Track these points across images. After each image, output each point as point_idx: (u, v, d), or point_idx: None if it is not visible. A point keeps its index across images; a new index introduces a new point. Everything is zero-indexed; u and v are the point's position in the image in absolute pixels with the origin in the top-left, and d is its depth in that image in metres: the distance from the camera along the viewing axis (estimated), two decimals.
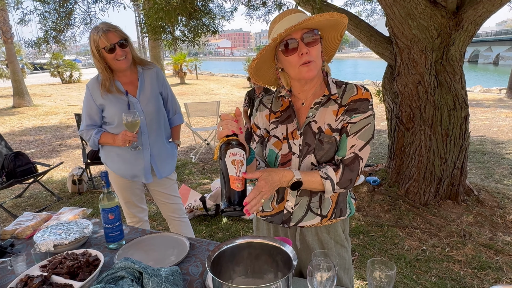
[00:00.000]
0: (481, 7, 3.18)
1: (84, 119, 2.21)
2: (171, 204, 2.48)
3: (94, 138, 2.19)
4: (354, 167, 1.20)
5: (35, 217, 1.80)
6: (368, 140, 1.22)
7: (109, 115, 2.16)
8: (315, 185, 1.19)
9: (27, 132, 8.84)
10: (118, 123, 2.15)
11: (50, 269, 1.26)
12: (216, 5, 4.92)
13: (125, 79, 2.17)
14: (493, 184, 4.41)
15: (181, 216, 2.53)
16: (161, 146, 2.32)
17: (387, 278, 1.03)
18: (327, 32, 1.24)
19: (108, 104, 2.13)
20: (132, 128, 2.06)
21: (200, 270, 1.34)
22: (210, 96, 14.60)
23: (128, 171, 2.27)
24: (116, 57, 2.02)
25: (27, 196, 4.63)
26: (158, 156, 2.31)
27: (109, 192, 1.49)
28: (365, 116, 1.22)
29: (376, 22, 6.76)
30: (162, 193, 2.43)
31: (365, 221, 3.53)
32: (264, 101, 1.40)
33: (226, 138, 1.06)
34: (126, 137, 2.08)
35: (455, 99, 3.50)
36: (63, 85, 20.82)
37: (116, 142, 2.14)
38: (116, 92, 2.12)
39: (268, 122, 1.37)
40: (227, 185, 1.02)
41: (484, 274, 2.64)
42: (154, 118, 2.24)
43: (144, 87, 2.21)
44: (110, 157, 2.28)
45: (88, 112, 2.18)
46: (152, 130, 2.25)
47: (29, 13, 4.11)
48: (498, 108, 9.79)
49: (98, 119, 2.20)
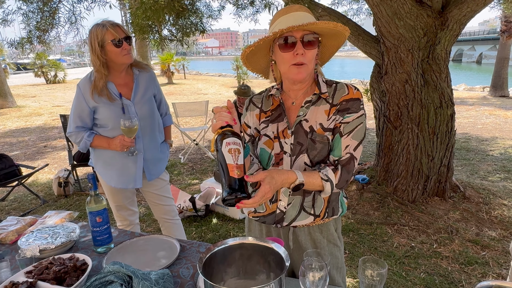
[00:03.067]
0: (466, 6, 3.24)
1: (73, 120, 2.11)
2: (164, 205, 2.44)
3: (86, 141, 2.11)
4: (350, 168, 1.22)
5: (20, 221, 1.75)
6: (361, 140, 1.23)
7: (102, 118, 2.09)
8: (315, 186, 1.20)
9: (11, 134, 8.63)
10: (112, 126, 2.08)
11: (36, 274, 1.22)
12: (203, 4, 4.88)
13: (120, 81, 2.11)
14: (479, 180, 4.50)
15: (174, 218, 2.50)
16: (154, 149, 2.28)
17: (378, 276, 1.03)
18: (327, 39, 1.24)
19: (101, 107, 2.06)
20: (130, 134, 2.01)
21: (191, 272, 1.32)
22: (198, 96, 14.51)
23: (120, 178, 2.21)
24: (122, 52, 1.97)
25: (11, 199, 4.51)
26: (151, 160, 2.27)
27: (97, 195, 1.46)
28: (357, 116, 1.22)
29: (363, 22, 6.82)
30: (155, 194, 2.39)
31: (354, 219, 3.55)
32: (254, 101, 1.39)
33: (221, 130, 1.07)
34: (124, 143, 2.02)
35: (441, 98, 3.55)
36: (48, 86, 20.40)
37: (112, 146, 2.08)
38: (107, 97, 2.04)
39: (258, 122, 1.36)
40: (226, 174, 1.01)
41: (471, 269, 2.69)
42: (148, 121, 2.19)
43: (139, 90, 2.16)
44: (101, 164, 2.21)
45: (78, 113, 2.09)
46: (146, 134, 2.20)
47: (11, 12, 4.01)
48: (482, 106, 10.00)
49: (89, 121, 2.12)
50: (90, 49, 1.98)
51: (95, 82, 2.01)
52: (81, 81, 2.08)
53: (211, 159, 6.00)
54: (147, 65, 2.25)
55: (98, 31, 1.94)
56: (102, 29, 1.93)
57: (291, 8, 1.20)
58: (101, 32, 1.93)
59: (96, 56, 1.95)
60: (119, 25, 1.99)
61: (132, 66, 2.15)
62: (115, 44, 1.94)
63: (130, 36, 2.04)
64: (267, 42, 1.22)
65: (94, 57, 1.97)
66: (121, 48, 1.96)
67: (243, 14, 5.35)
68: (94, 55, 1.96)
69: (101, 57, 1.96)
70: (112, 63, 2.03)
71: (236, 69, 17.12)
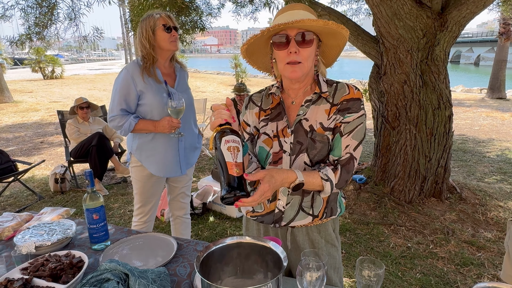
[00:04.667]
0: (465, 8, 3.24)
1: (118, 103, 2.10)
2: (182, 202, 2.49)
3: (131, 121, 2.09)
4: (350, 168, 1.21)
5: (15, 217, 1.74)
6: (361, 140, 1.23)
7: (148, 103, 2.11)
8: (315, 186, 1.19)
9: (7, 129, 8.58)
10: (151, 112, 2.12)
11: (32, 271, 1.21)
12: (203, 1, 4.87)
13: (164, 70, 2.20)
14: (475, 181, 4.52)
15: (186, 215, 2.54)
16: (193, 138, 2.34)
17: (375, 276, 1.03)
18: (326, 39, 1.23)
19: (148, 91, 2.09)
20: (177, 115, 2.07)
21: (188, 270, 1.32)
22: (197, 94, 14.48)
23: (164, 167, 2.24)
24: (171, 38, 2.07)
25: (7, 195, 4.49)
26: (189, 148, 2.33)
27: (94, 192, 1.45)
28: (358, 116, 1.22)
29: (362, 22, 6.83)
30: (179, 190, 2.44)
31: (351, 218, 3.56)
32: (253, 99, 1.38)
33: (219, 128, 1.06)
34: (172, 123, 2.07)
35: (439, 99, 3.56)
36: (45, 81, 20.28)
37: (158, 128, 2.10)
38: (155, 78, 2.10)
39: (257, 120, 1.35)
40: (225, 172, 1.00)
41: (467, 270, 2.70)
42: (187, 110, 2.23)
43: (180, 81, 2.26)
44: (144, 153, 2.21)
45: (125, 96, 2.09)
46: (186, 122, 2.25)
47: (10, 8, 3.96)
48: (479, 108, 10.04)
49: (133, 106, 2.13)
50: (141, 34, 2.06)
51: (144, 64, 2.09)
52: (129, 65, 2.13)
53: (209, 157, 5.99)
54: (184, 64, 2.38)
55: (151, 18, 2.06)
56: (156, 15, 2.06)
57: (291, 6, 1.20)
58: (153, 18, 2.05)
59: (147, 40, 2.05)
60: (171, 16, 2.13)
61: (173, 59, 2.25)
62: (166, 30, 2.05)
63: (178, 27, 2.15)
64: (265, 40, 1.21)
65: (145, 41, 2.05)
66: (170, 35, 2.07)
67: (242, 12, 5.34)
68: (145, 39, 2.05)
69: (151, 40, 2.05)
70: (159, 49, 2.10)
71: (235, 68, 17.07)
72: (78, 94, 12.63)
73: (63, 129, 4.85)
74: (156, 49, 2.10)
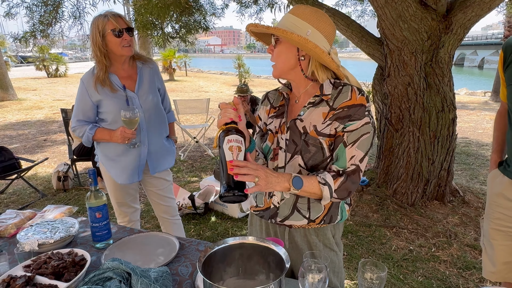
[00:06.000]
0: (471, 11, 3.23)
1: (75, 114, 2.10)
2: (165, 205, 2.44)
3: (88, 134, 2.08)
4: (355, 178, 1.17)
5: (19, 215, 1.75)
6: (367, 151, 1.18)
7: (106, 111, 2.07)
8: (313, 190, 1.15)
9: (11, 127, 8.62)
10: (112, 119, 2.07)
11: (34, 269, 1.22)
12: (207, 1, 4.87)
13: (123, 73, 2.10)
14: (478, 185, 4.49)
15: (174, 217, 2.49)
16: (159, 143, 2.27)
17: (378, 279, 1.03)
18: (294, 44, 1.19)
19: (105, 100, 2.04)
20: (131, 125, 1.98)
21: (189, 270, 1.32)
22: (200, 94, 14.50)
23: (124, 173, 2.20)
24: (122, 42, 1.95)
25: (10, 192, 4.51)
26: (156, 153, 2.25)
27: (97, 190, 1.45)
28: (362, 124, 1.15)
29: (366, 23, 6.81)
30: (157, 193, 2.39)
31: (353, 220, 3.55)
32: (269, 96, 1.42)
33: (225, 127, 1.07)
34: (125, 134, 2.00)
35: (443, 102, 3.54)
36: (49, 79, 20.38)
37: (113, 138, 2.06)
38: (109, 87, 2.02)
39: (267, 117, 1.38)
40: (225, 171, 1.02)
41: (469, 274, 2.69)
42: (152, 114, 2.18)
43: (143, 82, 2.14)
44: (105, 159, 2.20)
45: (82, 108, 2.08)
46: (151, 126, 2.19)
47: (15, 6, 3.99)
48: (482, 111, 10.00)
49: (92, 115, 2.11)
50: (92, 39, 1.96)
51: (97, 73, 2.00)
52: (84, 76, 2.07)
53: (211, 156, 5.99)
54: (150, 59, 2.24)
55: (99, 21, 1.93)
56: (104, 19, 1.92)
57: (292, 9, 1.20)
58: (102, 22, 1.92)
59: (97, 47, 1.94)
60: (121, 15, 1.98)
61: (135, 59, 2.14)
62: (116, 34, 1.93)
63: (132, 27, 2.02)
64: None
65: (95, 48, 1.95)
66: (121, 39, 1.94)
67: (246, 12, 5.35)
68: (95, 45, 1.94)
69: (102, 48, 1.94)
70: (113, 54, 2.00)
71: (238, 68, 17.09)
72: None
73: (67, 127, 4.86)
74: (110, 55, 2.00)
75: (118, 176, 2.21)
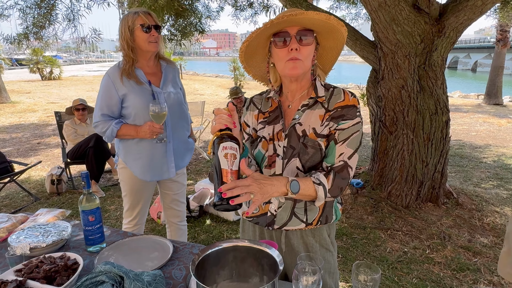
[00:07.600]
0: (463, 14, 3.27)
1: (100, 108, 2.07)
2: (177, 209, 2.43)
3: (113, 128, 2.05)
4: (344, 175, 1.19)
5: (11, 219, 1.73)
6: (356, 149, 1.21)
7: (131, 106, 2.05)
8: (309, 191, 1.15)
9: (4, 130, 8.54)
10: (135, 115, 2.05)
11: (26, 273, 1.20)
12: (202, 4, 4.89)
13: (149, 69, 2.12)
14: (472, 187, 4.53)
15: (181, 222, 2.49)
16: (182, 140, 2.27)
17: (372, 281, 1.03)
18: (325, 39, 1.23)
19: (130, 94, 2.03)
20: (159, 120, 1.98)
21: (183, 273, 1.31)
22: (195, 97, 14.48)
23: (151, 171, 2.17)
24: (149, 38, 1.99)
25: (3, 196, 4.46)
26: (179, 150, 2.25)
27: (90, 193, 1.44)
28: (353, 123, 1.20)
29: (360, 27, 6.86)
30: (173, 197, 2.38)
31: (348, 223, 3.56)
32: (255, 101, 1.39)
33: (219, 133, 1.06)
34: (154, 129, 1.99)
35: (436, 104, 3.57)
36: (43, 82, 20.24)
37: (140, 134, 2.04)
38: (135, 79, 2.04)
39: (256, 122, 1.35)
40: (219, 178, 1.00)
41: (463, 276, 2.70)
42: (176, 110, 2.18)
43: (168, 79, 2.18)
44: (130, 157, 2.16)
45: (107, 102, 2.05)
46: (175, 123, 2.19)
47: (9, 7, 3.97)
48: (476, 114, 10.09)
49: (116, 110, 2.08)
50: (120, 34, 2.00)
51: (123, 66, 2.03)
52: (110, 69, 2.08)
53: (206, 159, 5.98)
54: (173, 61, 2.29)
55: (129, 16, 1.99)
56: (134, 15, 1.98)
57: (289, 10, 1.20)
58: (132, 17, 1.97)
59: (125, 41, 1.98)
60: (151, 13, 2.03)
61: (159, 58, 2.18)
62: (144, 30, 1.97)
63: (160, 25, 2.07)
64: (264, 40, 1.21)
65: (123, 42, 1.99)
66: (149, 35, 1.99)
67: (241, 15, 5.37)
68: (123, 40, 1.99)
69: (129, 42, 1.98)
70: (139, 50, 2.04)
71: (233, 71, 17.11)
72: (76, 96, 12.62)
73: (60, 130, 4.83)
74: (136, 50, 2.04)
75: (143, 174, 2.17)
